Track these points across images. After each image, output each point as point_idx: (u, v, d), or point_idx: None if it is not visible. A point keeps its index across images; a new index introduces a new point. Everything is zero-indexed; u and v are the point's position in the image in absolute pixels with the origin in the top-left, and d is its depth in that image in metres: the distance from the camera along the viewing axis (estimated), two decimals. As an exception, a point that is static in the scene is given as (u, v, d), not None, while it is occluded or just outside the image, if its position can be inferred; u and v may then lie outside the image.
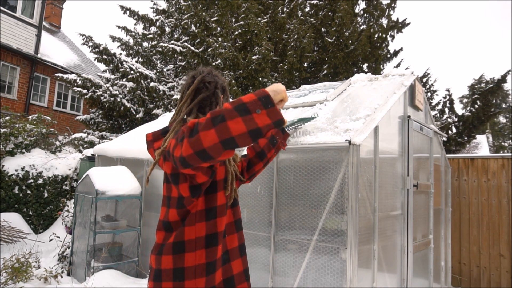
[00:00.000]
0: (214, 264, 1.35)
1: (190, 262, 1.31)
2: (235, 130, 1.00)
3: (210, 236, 1.35)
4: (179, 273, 1.30)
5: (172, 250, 1.32)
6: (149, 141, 1.51)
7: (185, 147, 1.05)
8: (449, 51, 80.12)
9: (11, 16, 10.95)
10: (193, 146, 1.03)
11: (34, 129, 7.70)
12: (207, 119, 1.03)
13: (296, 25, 8.98)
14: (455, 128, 9.07)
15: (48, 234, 5.77)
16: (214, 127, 1.01)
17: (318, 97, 3.97)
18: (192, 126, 1.07)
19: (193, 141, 1.03)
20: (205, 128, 1.02)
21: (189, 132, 1.06)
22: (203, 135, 1.01)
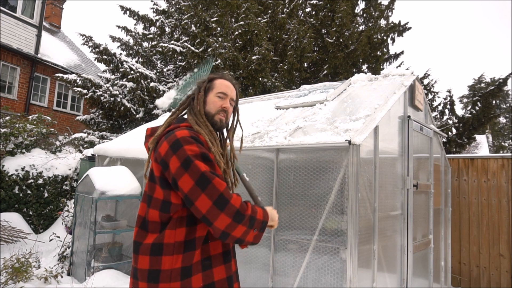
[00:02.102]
0: (189, 268, 1.34)
1: (167, 265, 1.32)
2: (238, 233, 1.32)
3: (188, 241, 1.35)
4: (155, 275, 1.32)
5: (150, 251, 1.33)
6: (147, 135, 1.59)
7: (223, 219, 1.27)
8: (449, 52, 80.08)
9: (11, 16, 10.95)
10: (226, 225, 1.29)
11: (34, 129, 7.70)
12: (247, 218, 1.32)
13: (296, 25, 8.98)
14: (455, 129, 9.06)
15: (48, 234, 5.77)
16: (240, 223, 1.31)
17: (318, 97, 3.97)
18: (244, 210, 1.32)
19: (232, 224, 1.29)
20: (239, 221, 1.31)
21: (238, 214, 1.29)
22: (236, 227, 1.31)
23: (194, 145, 1.35)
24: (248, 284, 3.29)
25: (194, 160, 1.30)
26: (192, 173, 1.28)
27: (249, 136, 3.64)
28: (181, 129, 1.42)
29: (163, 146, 1.37)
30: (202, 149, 1.36)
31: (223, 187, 1.28)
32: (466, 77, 56.36)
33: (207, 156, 1.36)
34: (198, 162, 1.30)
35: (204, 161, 1.33)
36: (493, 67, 57.48)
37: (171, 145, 1.34)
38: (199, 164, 1.29)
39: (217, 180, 1.29)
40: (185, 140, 1.35)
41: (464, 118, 8.81)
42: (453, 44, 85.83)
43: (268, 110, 4.29)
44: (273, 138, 3.31)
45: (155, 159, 1.40)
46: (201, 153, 1.34)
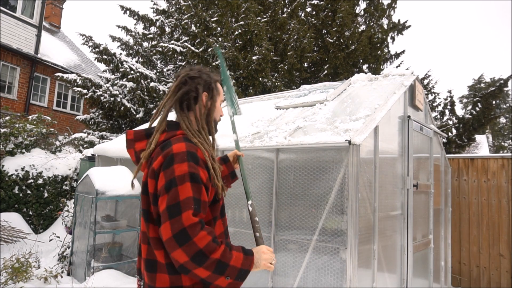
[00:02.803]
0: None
1: (188, 281, 1.29)
2: (202, 274, 1.20)
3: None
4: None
5: (167, 271, 1.29)
6: (129, 139, 1.45)
7: (180, 254, 1.17)
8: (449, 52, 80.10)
9: (11, 16, 10.95)
10: (186, 261, 1.17)
11: (34, 129, 7.70)
12: (209, 261, 1.19)
13: (296, 25, 8.98)
14: (455, 129, 9.06)
15: (48, 234, 5.77)
16: (201, 266, 1.19)
17: (318, 97, 3.97)
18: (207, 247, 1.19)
19: (192, 261, 1.17)
20: (201, 264, 1.18)
21: (199, 254, 1.17)
22: (198, 269, 1.19)
23: (185, 164, 1.25)
24: (248, 284, 3.29)
25: (177, 185, 1.22)
26: (170, 198, 1.21)
27: (249, 136, 3.64)
28: (178, 141, 1.32)
29: (158, 160, 1.30)
30: (193, 168, 1.26)
31: (189, 222, 1.18)
32: (466, 77, 56.37)
33: (197, 177, 1.26)
34: (180, 187, 1.22)
35: (192, 183, 1.24)
36: (493, 67, 57.51)
37: (164, 161, 1.27)
38: (180, 190, 1.21)
39: (187, 213, 1.19)
40: (179, 158, 1.26)
41: (464, 119, 8.81)
42: (453, 44, 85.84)
43: (268, 110, 4.29)
44: (273, 138, 3.31)
45: (150, 175, 1.32)
46: (190, 174, 1.25)
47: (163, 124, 1.41)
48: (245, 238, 3.40)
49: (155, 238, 1.31)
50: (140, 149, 1.44)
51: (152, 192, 1.31)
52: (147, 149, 1.37)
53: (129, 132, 1.46)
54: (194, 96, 1.44)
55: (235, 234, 3.47)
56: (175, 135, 1.38)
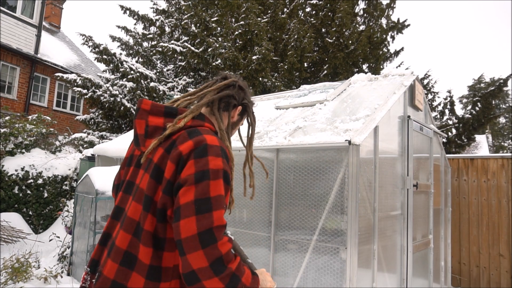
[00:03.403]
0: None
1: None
2: (210, 286, 1.03)
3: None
4: None
5: (146, 274, 1.12)
6: (144, 109, 1.27)
7: (200, 258, 1.02)
8: (449, 51, 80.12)
9: (11, 16, 10.95)
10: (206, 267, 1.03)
11: (34, 129, 7.70)
12: (225, 276, 1.04)
13: (296, 25, 8.98)
14: (455, 129, 9.07)
15: (48, 234, 5.77)
16: (217, 276, 1.03)
17: (318, 97, 3.97)
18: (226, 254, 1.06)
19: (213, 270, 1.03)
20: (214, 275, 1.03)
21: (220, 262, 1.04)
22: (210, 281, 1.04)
23: (220, 159, 1.13)
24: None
25: (210, 179, 1.09)
26: (200, 190, 1.06)
27: (249, 136, 3.64)
28: (209, 133, 1.19)
29: (187, 144, 1.13)
30: (226, 166, 1.16)
31: (219, 223, 1.06)
32: (466, 77, 56.39)
33: (228, 176, 1.16)
34: (213, 182, 1.09)
35: (224, 181, 1.13)
36: (493, 67, 57.54)
37: (196, 148, 1.12)
38: (213, 185, 1.09)
39: (219, 212, 1.07)
40: (213, 150, 1.13)
41: (464, 118, 8.81)
42: (453, 44, 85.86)
43: (268, 110, 4.29)
44: (273, 138, 3.31)
45: (172, 158, 1.13)
46: (224, 171, 1.14)
47: (198, 110, 1.29)
48: (245, 238, 3.40)
49: (149, 233, 1.12)
50: (154, 124, 1.26)
51: (169, 179, 1.12)
52: (176, 125, 1.21)
53: (146, 101, 1.28)
54: (234, 104, 1.40)
55: (235, 234, 3.47)
56: (202, 126, 1.26)
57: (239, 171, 3.57)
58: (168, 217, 1.12)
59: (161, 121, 1.26)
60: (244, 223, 3.44)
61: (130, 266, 1.12)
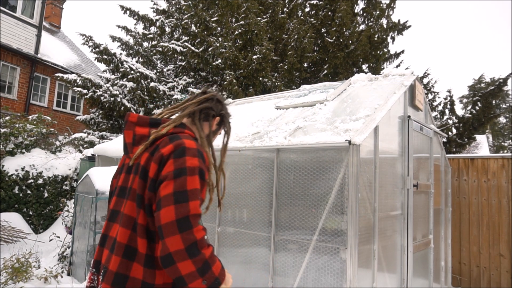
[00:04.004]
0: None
1: (160, 279, 1.28)
2: (184, 270, 1.17)
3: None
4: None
5: (144, 262, 1.27)
6: (131, 121, 1.46)
7: (176, 241, 1.16)
8: (449, 51, 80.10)
9: (11, 16, 10.95)
10: (180, 250, 1.16)
11: (34, 129, 7.71)
12: (199, 257, 1.18)
13: (296, 25, 8.98)
14: (455, 129, 9.07)
15: (48, 234, 5.77)
16: (191, 259, 1.17)
17: (318, 97, 3.97)
18: (200, 240, 1.20)
19: (185, 251, 1.16)
20: (187, 257, 1.17)
21: (194, 245, 1.17)
22: (182, 263, 1.17)
23: (196, 159, 1.30)
24: (248, 284, 3.29)
25: (187, 175, 1.25)
26: (178, 184, 1.22)
27: (249, 136, 3.64)
28: (188, 138, 1.36)
29: (168, 147, 1.31)
30: (202, 165, 1.32)
31: (194, 212, 1.21)
32: (466, 77, 56.36)
33: (204, 174, 1.32)
34: (190, 177, 1.25)
35: (199, 178, 1.28)
36: (493, 67, 57.49)
37: (175, 150, 1.29)
38: (189, 180, 1.24)
39: (195, 203, 1.22)
40: (190, 152, 1.30)
41: (464, 118, 8.81)
42: (453, 44, 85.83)
43: (268, 110, 4.29)
44: (273, 138, 3.31)
45: (155, 160, 1.31)
46: (200, 169, 1.30)
47: (180, 120, 1.48)
48: (245, 238, 3.40)
49: (143, 226, 1.28)
50: (140, 133, 1.45)
51: (153, 178, 1.29)
52: (159, 132, 1.39)
53: (133, 114, 1.47)
54: (213, 114, 1.59)
55: (235, 234, 3.47)
56: (183, 132, 1.43)
57: (239, 171, 3.57)
58: (153, 211, 1.27)
59: (147, 130, 1.46)
60: (244, 223, 3.44)
61: (131, 258, 1.27)
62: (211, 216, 3.73)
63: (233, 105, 5.46)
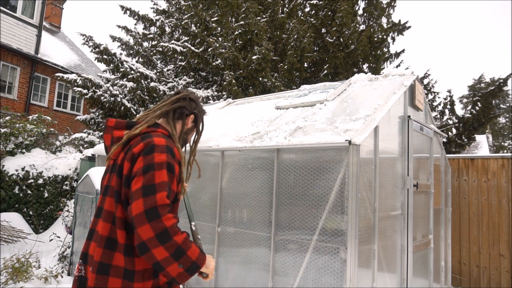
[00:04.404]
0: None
1: (140, 266, 1.40)
2: (159, 256, 1.27)
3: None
4: (130, 274, 1.38)
5: (124, 251, 1.38)
6: (110, 126, 1.60)
7: (147, 230, 1.26)
8: (449, 52, 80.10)
9: (11, 16, 10.95)
10: (152, 237, 1.26)
11: (34, 129, 7.71)
12: (169, 243, 1.27)
13: (296, 25, 8.98)
14: (455, 129, 9.07)
15: (48, 234, 5.77)
16: (162, 245, 1.27)
17: (318, 97, 3.97)
18: (171, 226, 1.29)
19: (156, 237, 1.26)
20: (160, 244, 1.27)
21: (165, 232, 1.27)
22: (156, 250, 1.27)
23: (164, 154, 1.40)
24: (248, 284, 3.29)
25: (155, 170, 1.35)
26: (146, 179, 1.33)
27: (249, 136, 3.64)
28: (158, 136, 1.47)
29: (139, 146, 1.43)
30: (170, 159, 1.42)
31: (162, 202, 1.30)
32: (466, 77, 56.35)
33: (172, 167, 1.42)
34: (158, 172, 1.35)
35: (167, 171, 1.38)
36: (493, 67, 57.50)
37: (145, 148, 1.41)
38: (157, 174, 1.35)
39: (161, 194, 1.32)
40: (159, 148, 1.41)
41: (464, 118, 8.81)
42: (453, 44, 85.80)
43: (268, 110, 4.30)
44: (273, 138, 3.31)
45: (127, 158, 1.43)
46: (168, 163, 1.40)
47: (152, 120, 1.59)
48: (245, 238, 3.40)
49: (121, 218, 1.41)
50: (118, 136, 1.58)
51: (126, 174, 1.41)
52: (132, 132, 1.51)
53: (111, 120, 1.61)
54: (186, 113, 1.69)
55: (235, 234, 3.48)
56: (155, 131, 1.54)
57: (239, 171, 3.57)
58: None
59: (123, 132, 1.58)
60: (244, 223, 3.44)
61: (112, 248, 1.39)
62: (211, 216, 3.73)
63: (233, 105, 5.46)
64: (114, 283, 1.36)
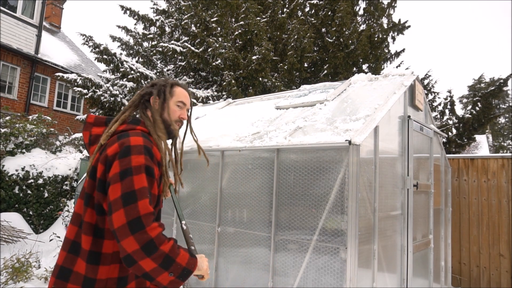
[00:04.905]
0: (125, 278, 1.36)
1: (103, 275, 1.31)
2: (147, 267, 1.19)
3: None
4: (90, 283, 1.30)
5: (87, 258, 1.30)
6: (88, 122, 1.53)
7: (131, 243, 1.17)
8: (449, 52, 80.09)
9: (11, 16, 10.95)
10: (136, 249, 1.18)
11: (35, 129, 7.71)
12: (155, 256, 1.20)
13: (296, 25, 8.98)
14: (455, 129, 9.07)
15: (48, 234, 5.77)
16: (149, 257, 1.19)
17: (318, 97, 3.97)
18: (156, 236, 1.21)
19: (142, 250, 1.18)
20: (146, 256, 1.19)
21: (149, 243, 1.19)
22: (143, 262, 1.19)
23: (142, 156, 1.30)
24: (248, 284, 3.29)
25: (133, 174, 1.25)
26: (125, 185, 1.23)
27: (249, 136, 3.64)
28: (136, 135, 1.37)
29: (113, 147, 1.33)
30: (149, 162, 1.32)
31: (145, 211, 1.21)
32: (466, 77, 56.36)
33: (151, 170, 1.32)
34: (136, 177, 1.25)
35: (146, 175, 1.29)
36: (493, 67, 57.52)
37: (120, 150, 1.30)
38: (136, 179, 1.25)
39: (144, 202, 1.23)
40: (136, 150, 1.31)
41: (464, 118, 8.82)
42: (453, 44, 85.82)
43: (268, 110, 4.30)
44: (273, 138, 3.31)
45: (101, 160, 1.34)
46: (146, 166, 1.30)
47: (126, 115, 1.51)
48: (245, 238, 3.40)
49: (88, 223, 1.32)
50: (95, 133, 1.50)
51: (100, 178, 1.32)
52: (105, 133, 1.42)
53: (90, 116, 1.54)
54: (147, 98, 1.57)
55: (235, 234, 3.48)
56: (133, 129, 1.44)
57: (239, 171, 3.57)
58: (106, 213, 1.30)
59: (102, 129, 1.50)
60: (244, 223, 3.44)
61: (76, 253, 1.33)
62: (211, 216, 3.73)
63: (233, 105, 5.46)
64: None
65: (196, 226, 3.86)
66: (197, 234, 3.84)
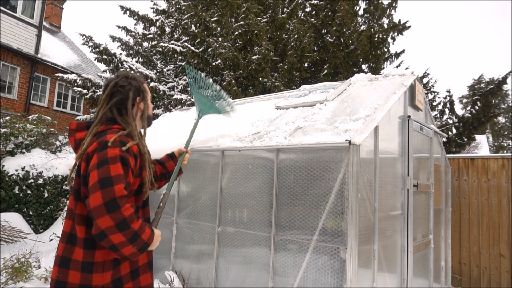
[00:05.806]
0: (118, 259, 1.54)
1: (100, 258, 1.48)
2: (116, 240, 1.38)
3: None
4: (88, 266, 1.46)
5: (83, 245, 1.47)
6: (72, 129, 1.67)
7: (106, 220, 1.34)
8: (449, 51, 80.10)
9: (11, 16, 10.95)
10: (110, 226, 1.36)
11: (34, 129, 7.70)
12: (128, 233, 1.39)
13: (296, 25, 8.97)
14: (455, 129, 9.07)
15: (48, 234, 5.77)
16: (121, 232, 1.38)
17: (318, 97, 3.97)
18: (129, 217, 1.39)
19: (113, 228, 1.35)
20: (117, 231, 1.37)
21: (124, 221, 1.37)
22: (114, 236, 1.38)
23: (118, 149, 1.46)
24: (248, 284, 3.29)
25: (109, 163, 1.41)
26: (101, 172, 1.39)
27: (249, 136, 3.64)
28: (113, 133, 1.53)
29: (93, 146, 1.50)
30: (124, 153, 1.47)
31: (120, 194, 1.37)
32: (466, 77, 56.38)
33: (127, 160, 1.47)
34: (112, 165, 1.41)
35: (122, 164, 1.44)
36: (493, 67, 57.53)
37: (98, 146, 1.47)
38: (112, 167, 1.41)
39: (119, 186, 1.38)
40: (112, 143, 1.46)
41: (464, 118, 8.82)
42: (453, 44, 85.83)
43: (268, 110, 4.29)
44: (273, 138, 3.31)
45: (83, 158, 1.51)
46: (121, 156, 1.46)
47: (95, 128, 1.62)
48: (245, 238, 3.40)
49: (80, 215, 1.49)
50: (79, 138, 1.64)
51: (83, 174, 1.49)
52: (86, 139, 1.58)
53: (73, 122, 1.68)
54: (132, 104, 1.68)
55: (235, 234, 3.47)
56: (111, 128, 1.59)
57: (239, 171, 3.57)
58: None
59: (84, 133, 1.64)
60: (244, 223, 3.44)
61: (73, 243, 1.49)
62: (211, 216, 3.73)
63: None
64: (74, 276, 1.45)
65: (196, 226, 3.86)
66: (197, 234, 3.84)
